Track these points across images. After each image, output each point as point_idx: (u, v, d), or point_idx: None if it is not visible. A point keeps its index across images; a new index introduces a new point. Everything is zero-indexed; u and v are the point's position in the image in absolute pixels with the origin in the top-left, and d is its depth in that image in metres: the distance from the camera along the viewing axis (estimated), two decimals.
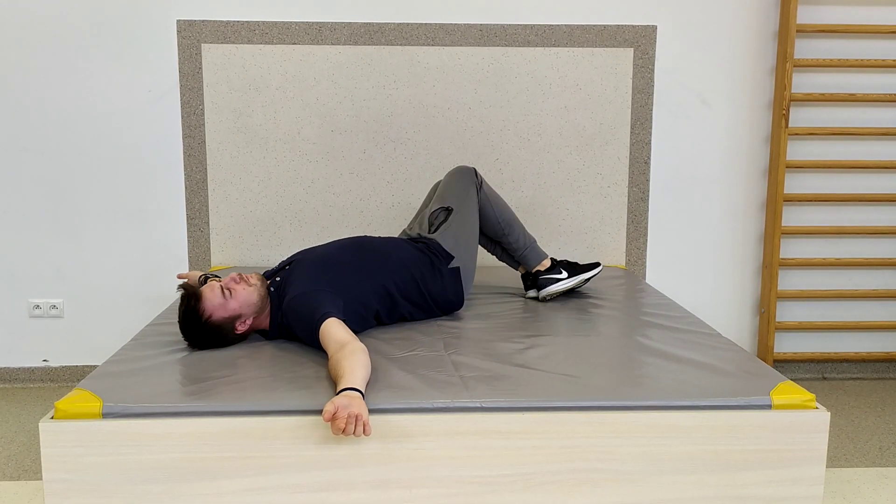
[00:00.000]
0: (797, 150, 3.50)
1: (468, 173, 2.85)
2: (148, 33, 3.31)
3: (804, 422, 1.89)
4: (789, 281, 3.60)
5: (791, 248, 3.57)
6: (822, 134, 3.44)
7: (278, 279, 2.41)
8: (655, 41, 3.40)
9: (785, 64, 3.34)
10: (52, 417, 1.83)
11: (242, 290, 2.26)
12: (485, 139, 3.43)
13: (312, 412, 1.83)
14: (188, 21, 3.29)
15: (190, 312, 2.22)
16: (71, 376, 3.51)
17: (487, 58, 3.37)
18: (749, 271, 3.61)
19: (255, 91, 3.35)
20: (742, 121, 3.49)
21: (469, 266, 2.71)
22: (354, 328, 2.25)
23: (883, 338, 3.64)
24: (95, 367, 3.18)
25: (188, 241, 3.44)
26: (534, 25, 3.36)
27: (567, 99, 3.41)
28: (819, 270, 3.60)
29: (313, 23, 3.32)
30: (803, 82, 3.45)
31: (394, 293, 2.48)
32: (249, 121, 3.37)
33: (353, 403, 1.74)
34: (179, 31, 3.30)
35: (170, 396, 1.89)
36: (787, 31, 3.32)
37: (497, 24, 3.35)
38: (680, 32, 3.42)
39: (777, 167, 3.41)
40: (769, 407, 1.90)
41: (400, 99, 3.39)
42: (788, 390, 1.94)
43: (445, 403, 1.87)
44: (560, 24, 3.37)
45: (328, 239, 3.46)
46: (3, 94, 3.31)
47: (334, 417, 1.73)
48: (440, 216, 2.75)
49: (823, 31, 3.38)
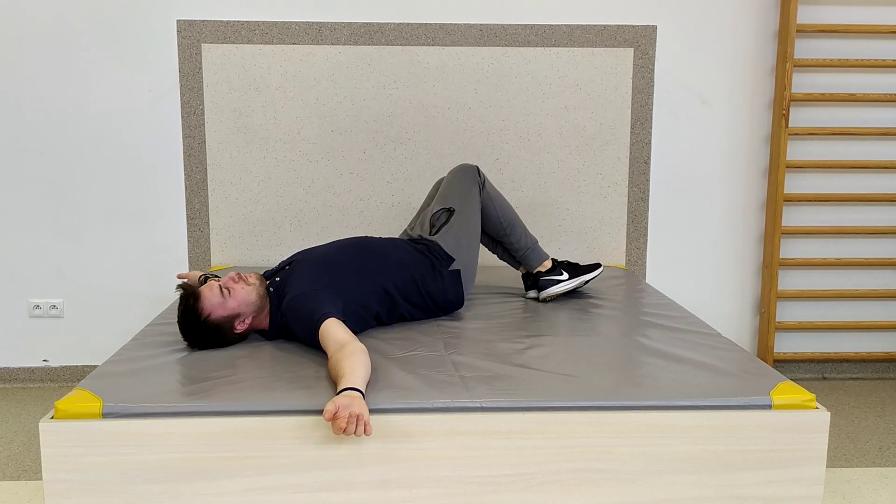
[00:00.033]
0: (797, 150, 3.50)
1: (471, 172, 2.85)
2: (148, 33, 3.31)
3: (804, 422, 1.89)
4: (789, 281, 3.60)
5: (791, 248, 3.57)
6: (822, 134, 3.44)
7: (278, 279, 2.41)
8: (655, 41, 3.40)
9: (785, 64, 3.34)
10: (52, 417, 1.83)
11: (241, 290, 2.26)
12: (485, 139, 3.43)
13: (312, 412, 1.83)
14: (188, 21, 3.29)
15: (189, 311, 2.22)
16: (71, 376, 3.51)
17: (487, 58, 3.37)
18: (749, 271, 3.61)
19: (255, 91, 3.35)
20: (742, 121, 3.49)
21: (470, 268, 2.71)
22: (354, 329, 2.25)
23: (883, 338, 3.64)
24: (95, 367, 3.18)
25: (188, 241, 3.44)
26: (534, 25, 3.36)
27: (567, 99, 3.41)
28: (819, 270, 3.60)
29: (313, 23, 3.32)
30: (803, 82, 3.45)
31: (393, 294, 2.48)
32: (249, 121, 3.37)
33: (354, 403, 1.74)
34: (179, 31, 3.30)
35: (170, 396, 1.89)
36: (787, 31, 3.32)
37: (497, 24, 3.35)
38: (680, 32, 3.42)
39: (777, 167, 3.41)
40: (769, 407, 1.90)
41: (400, 99, 3.39)
42: (788, 390, 1.94)
43: (445, 403, 1.87)
44: (560, 24, 3.37)
45: (328, 239, 3.46)
46: (3, 94, 3.31)
47: (335, 417, 1.73)
48: (442, 217, 2.75)
49: (823, 31, 3.38)
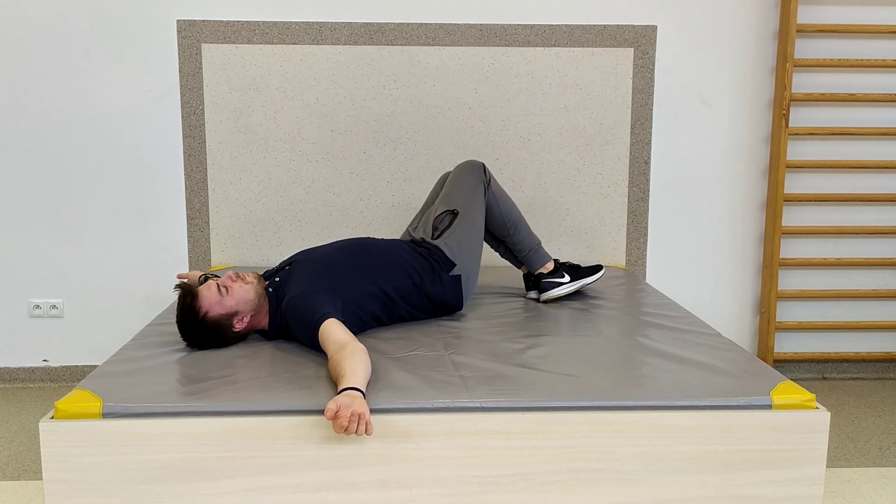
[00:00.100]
0: (797, 150, 3.50)
1: (477, 170, 2.80)
2: (148, 33, 3.31)
3: (804, 422, 1.89)
4: (789, 281, 3.60)
5: (791, 248, 3.57)
6: (822, 134, 3.44)
7: (277, 279, 2.41)
8: (655, 41, 3.40)
9: (785, 64, 3.34)
10: (53, 417, 1.83)
11: (239, 288, 2.26)
12: (485, 139, 3.43)
13: (312, 412, 1.83)
14: (188, 21, 3.29)
15: (187, 310, 2.22)
16: (71, 376, 3.51)
17: (487, 58, 3.37)
18: (749, 271, 3.61)
19: (255, 91, 3.35)
20: (742, 121, 3.49)
21: (471, 272, 2.68)
22: (353, 329, 2.25)
23: (883, 338, 3.64)
24: (95, 367, 3.18)
25: (188, 241, 3.44)
26: (534, 25, 3.36)
27: (567, 99, 3.41)
28: (819, 270, 3.60)
29: (313, 23, 3.32)
30: (803, 82, 3.45)
31: (393, 296, 2.47)
32: (249, 121, 3.37)
33: (356, 402, 1.74)
34: (179, 31, 3.30)
35: (170, 396, 1.89)
36: (787, 31, 3.32)
37: (497, 24, 3.35)
38: (680, 32, 3.42)
39: (777, 167, 3.41)
40: (769, 407, 1.90)
41: (400, 99, 3.39)
42: (788, 390, 1.94)
43: (445, 403, 1.87)
44: (560, 24, 3.37)
45: (328, 239, 3.46)
46: (3, 94, 3.31)
47: (336, 416, 1.72)
48: (445, 220, 2.71)
49: (823, 31, 3.38)
